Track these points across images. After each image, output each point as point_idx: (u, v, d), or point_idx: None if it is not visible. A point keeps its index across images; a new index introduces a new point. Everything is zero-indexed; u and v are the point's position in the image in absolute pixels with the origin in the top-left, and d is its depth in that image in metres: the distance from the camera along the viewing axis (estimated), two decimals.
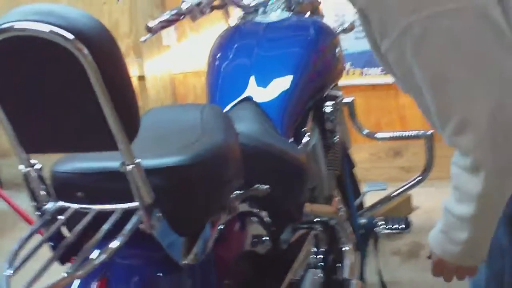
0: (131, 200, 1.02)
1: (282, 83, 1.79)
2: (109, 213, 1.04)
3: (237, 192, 1.31)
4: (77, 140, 0.98)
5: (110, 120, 0.92)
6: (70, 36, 0.87)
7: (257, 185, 1.39)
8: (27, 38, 0.88)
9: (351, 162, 2.35)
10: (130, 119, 0.97)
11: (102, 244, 0.98)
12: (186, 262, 1.11)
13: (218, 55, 1.94)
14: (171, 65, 3.75)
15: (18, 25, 0.88)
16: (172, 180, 1.08)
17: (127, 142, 0.95)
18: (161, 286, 1.10)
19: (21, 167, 1.05)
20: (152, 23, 1.75)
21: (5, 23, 0.88)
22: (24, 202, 2.84)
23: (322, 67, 1.97)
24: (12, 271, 0.94)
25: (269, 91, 1.77)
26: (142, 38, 1.81)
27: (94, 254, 0.99)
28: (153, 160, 1.07)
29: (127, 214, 1.03)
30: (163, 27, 1.79)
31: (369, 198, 2.63)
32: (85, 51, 0.88)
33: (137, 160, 0.97)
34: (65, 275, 0.93)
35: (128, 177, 0.98)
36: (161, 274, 1.10)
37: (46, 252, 1.03)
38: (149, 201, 1.01)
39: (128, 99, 0.97)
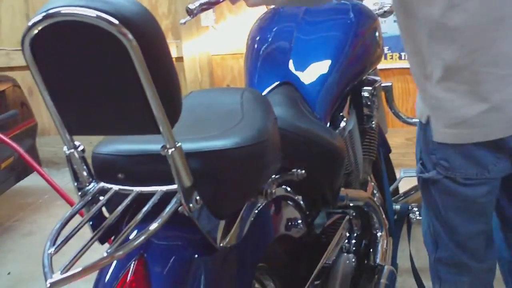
0: (171, 183, 1.03)
1: (321, 68, 1.79)
2: (148, 195, 1.05)
3: (274, 176, 1.32)
4: (120, 123, 1.00)
5: (153, 104, 0.93)
6: (115, 21, 0.88)
7: (294, 169, 1.40)
8: (73, 23, 0.89)
9: (387, 147, 2.35)
10: (172, 103, 0.98)
11: (141, 226, 0.99)
12: (222, 244, 1.12)
13: (257, 38, 1.95)
14: (209, 46, 3.76)
15: (64, 10, 0.89)
16: (212, 164, 1.09)
17: (169, 126, 0.96)
18: (198, 267, 1.11)
19: (65, 148, 1.07)
20: (192, 5, 1.75)
21: (51, 8, 0.89)
22: (61, 180, 2.90)
23: (362, 51, 1.96)
24: (54, 249, 0.96)
25: (308, 75, 1.77)
26: (182, 20, 1.81)
27: (133, 235, 1.01)
28: (193, 143, 1.08)
29: (166, 197, 1.04)
30: (203, 10, 1.79)
31: (404, 184, 2.62)
32: (130, 36, 0.89)
33: (178, 144, 0.99)
34: (105, 254, 0.95)
35: (169, 161, 0.99)
36: (198, 256, 1.11)
37: (84, 231, 1.05)
38: (189, 184, 1.02)
39: (170, 84, 0.98)
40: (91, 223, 1.08)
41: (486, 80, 1.32)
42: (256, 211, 1.25)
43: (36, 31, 0.91)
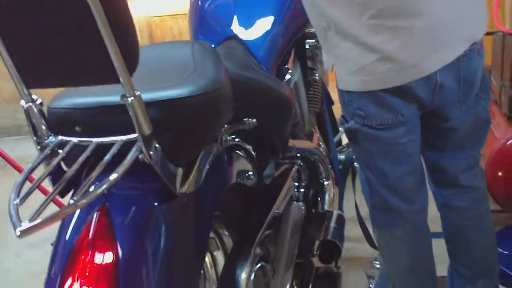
0: (129, 133, 1.05)
1: (265, 21, 1.82)
2: (108, 146, 1.06)
3: (227, 126, 1.35)
4: (79, 74, 1.00)
5: (112, 53, 0.93)
6: None
7: (246, 119, 1.43)
8: None
9: (329, 100, 2.40)
10: (131, 51, 0.98)
11: (101, 177, 1.00)
12: (182, 191, 1.15)
13: None
14: (148, 8, 3.73)
15: None
16: (169, 112, 1.10)
17: (128, 75, 0.97)
18: (159, 215, 1.13)
19: (22, 102, 1.07)
20: None
21: None
22: (5, 148, 2.84)
23: None
24: (19, 200, 0.97)
25: (252, 29, 1.79)
26: None
27: (95, 185, 1.02)
28: (150, 93, 1.09)
29: (126, 147, 1.06)
30: None
31: None
32: None
33: (138, 93, 1.00)
34: (71, 202, 0.96)
35: (129, 109, 1.00)
36: (158, 204, 1.13)
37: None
38: (148, 132, 1.04)
39: (128, 31, 0.98)
40: (51, 178, 1.09)
41: (375, 32, 1.38)
42: (212, 158, 1.28)
43: None
